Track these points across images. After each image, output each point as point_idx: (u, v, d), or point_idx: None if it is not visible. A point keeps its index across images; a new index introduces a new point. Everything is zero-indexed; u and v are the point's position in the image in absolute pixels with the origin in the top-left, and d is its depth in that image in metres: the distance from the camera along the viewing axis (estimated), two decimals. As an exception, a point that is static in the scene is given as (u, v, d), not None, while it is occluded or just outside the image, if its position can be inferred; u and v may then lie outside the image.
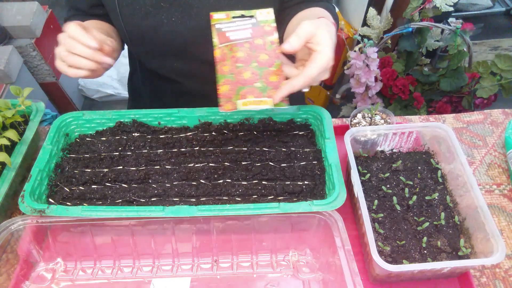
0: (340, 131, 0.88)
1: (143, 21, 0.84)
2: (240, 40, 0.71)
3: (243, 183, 0.74)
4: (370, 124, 0.86)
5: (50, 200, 0.74)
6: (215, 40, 0.71)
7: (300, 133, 0.83)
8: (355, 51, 1.64)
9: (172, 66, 0.95)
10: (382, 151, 0.83)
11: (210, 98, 0.96)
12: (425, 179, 0.77)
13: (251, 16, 0.72)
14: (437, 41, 1.74)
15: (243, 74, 0.69)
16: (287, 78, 0.69)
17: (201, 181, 0.75)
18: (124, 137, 0.82)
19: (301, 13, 0.84)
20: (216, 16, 0.72)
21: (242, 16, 0.72)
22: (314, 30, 0.64)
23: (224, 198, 0.73)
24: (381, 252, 0.67)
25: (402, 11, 1.68)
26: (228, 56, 0.70)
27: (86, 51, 0.68)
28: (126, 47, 1.04)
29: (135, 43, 0.91)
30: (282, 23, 0.90)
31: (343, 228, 0.67)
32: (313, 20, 0.67)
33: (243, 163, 0.78)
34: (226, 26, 0.72)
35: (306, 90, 0.68)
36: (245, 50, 0.70)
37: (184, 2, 0.83)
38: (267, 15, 0.73)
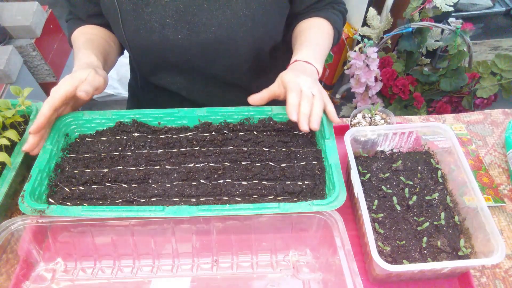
0: (340, 131, 0.88)
1: (148, 37, 0.83)
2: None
3: (243, 183, 0.74)
4: (370, 124, 0.86)
5: (50, 200, 0.74)
6: None
7: (300, 133, 0.83)
8: (355, 51, 1.64)
9: (175, 79, 0.93)
10: (382, 151, 0.83)
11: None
12: (425, 179, 0.77)
13: None
14: (437, 41, 1.74)
15: None
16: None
17: (201, 181, 0.75)
18: (124, 137, 0.82)
19: (301, 25, 0.92)
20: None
21: None
22: (278, 89, 0.79)
23: (224, 198, 0.73)
24: (381, 252, 0.67)
25: (402, 11, 1.68)
26: None
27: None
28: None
29: (137, 57, 0.90)
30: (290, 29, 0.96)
31: (343, 228, 0.67)
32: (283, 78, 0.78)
33: (243, 163, 0.78)
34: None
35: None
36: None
37: (191, 19, 0.81)
38: (460, 130, 0.93)
